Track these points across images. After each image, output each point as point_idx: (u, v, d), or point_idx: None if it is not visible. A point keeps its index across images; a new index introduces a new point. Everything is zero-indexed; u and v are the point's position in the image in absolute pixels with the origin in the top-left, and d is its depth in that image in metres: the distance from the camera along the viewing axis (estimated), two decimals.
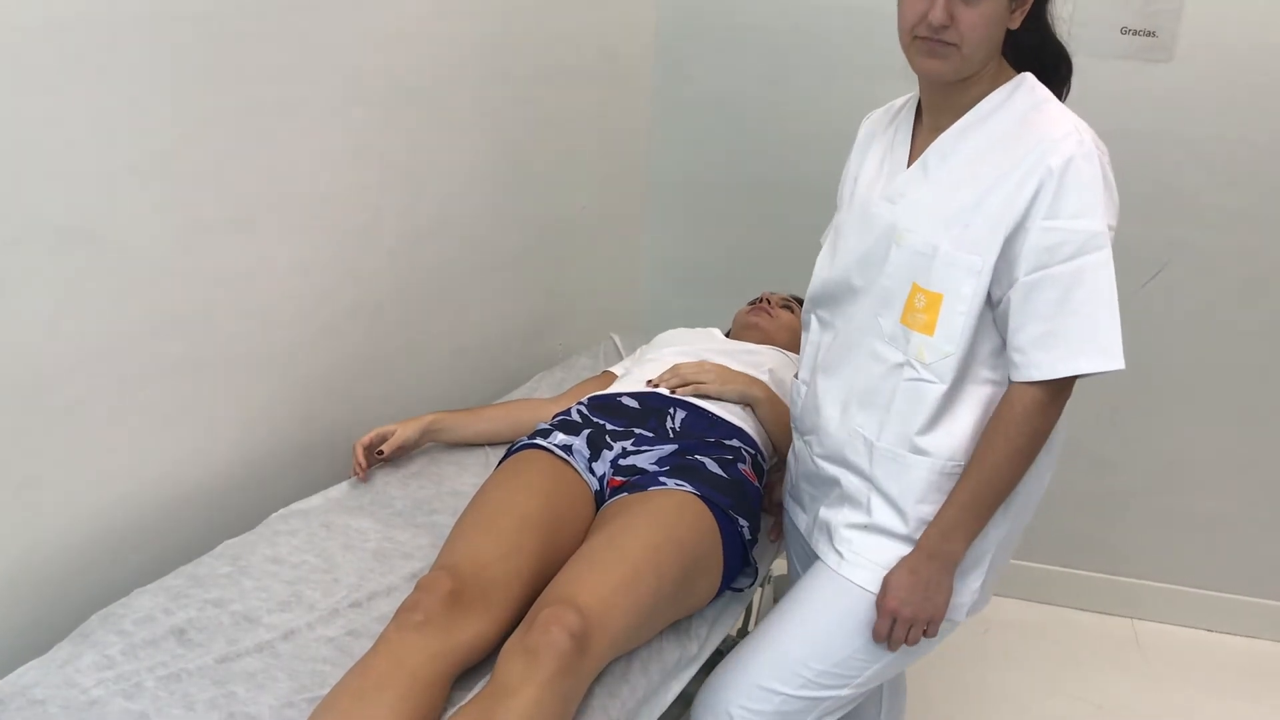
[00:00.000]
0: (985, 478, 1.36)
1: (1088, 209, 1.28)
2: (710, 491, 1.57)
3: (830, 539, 1.51)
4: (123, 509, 1.55)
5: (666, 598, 1.44)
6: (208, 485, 1.69)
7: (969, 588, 1.46)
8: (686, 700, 1.86)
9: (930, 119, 1.42)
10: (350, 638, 1.40)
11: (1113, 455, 2.54)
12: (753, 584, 1.66)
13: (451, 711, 1.28)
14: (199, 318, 1.59)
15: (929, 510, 1.41)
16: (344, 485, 1.76)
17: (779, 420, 1.84)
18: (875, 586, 1.43)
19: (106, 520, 1.53)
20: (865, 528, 1.46)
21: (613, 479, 1.64)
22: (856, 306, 1.47)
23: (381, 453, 1.78)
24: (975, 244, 1.32)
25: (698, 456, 1.65)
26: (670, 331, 2.18)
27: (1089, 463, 2.54)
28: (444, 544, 1.50)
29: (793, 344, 2.20)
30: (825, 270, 1.55)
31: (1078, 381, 1.33)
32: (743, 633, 2.12)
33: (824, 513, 1.53)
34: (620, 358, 2.37)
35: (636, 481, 1.60)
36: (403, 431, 1.81)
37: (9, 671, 1.27)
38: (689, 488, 1.56)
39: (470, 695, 1.29)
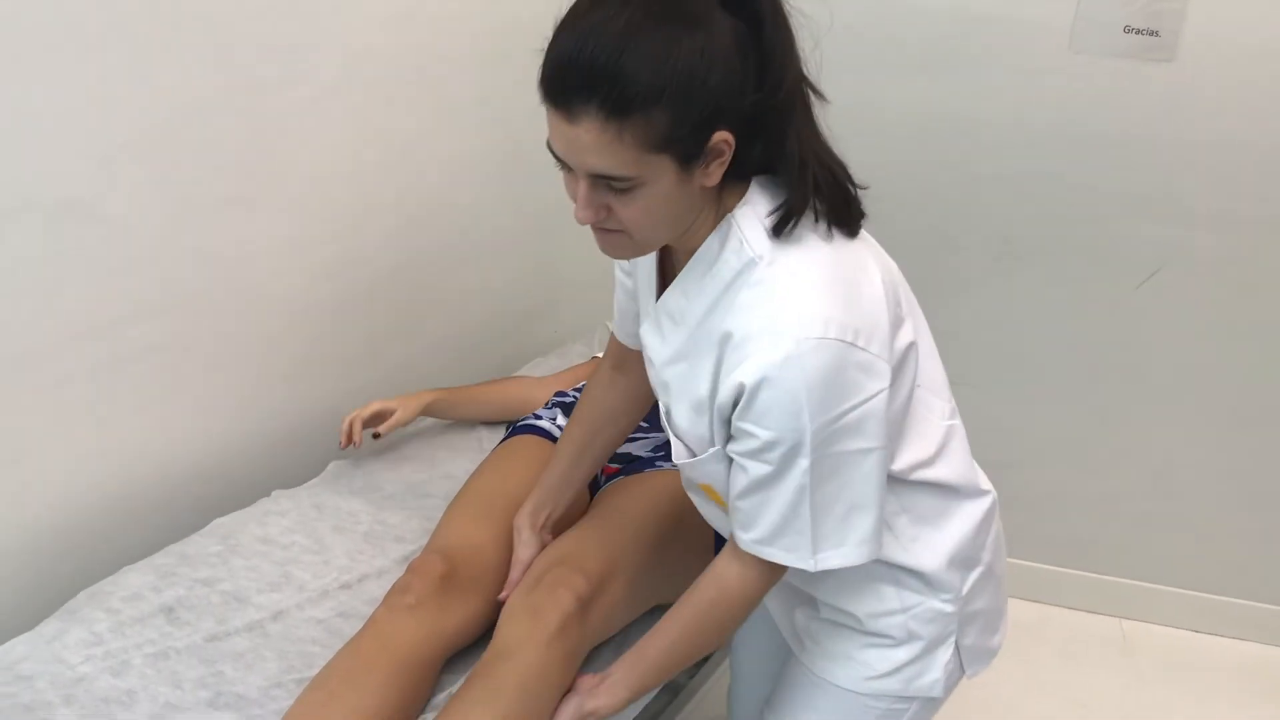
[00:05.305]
0: (679, 648, 1.20)
1: (781, 424, 1.02)
2: None
3: (792, 624, 1.34)
4: (112, 486, 1.55)
5: (662, 575, 1.44)
6: (199, 464, 1.68)
7: (938, 662, 1.26)
8: (673, 690, 1.87)
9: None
10: (340, 619, 1.40)
11: (1102, 456, 2.54)
12: None
13: (441, 694, 1.28)
14: (193, 296, 1.59)
15: (873, 602, 1.22)
16: (336, 466, 1.76)
17: None
18: (851, 683, 1.26)
19: (96, 497, 1.53)
20: (818, 619, 1.29)
21: (607, 466, 1.64)
22: None
23: (378, 434, 1.74)
24: (711, 439, 1.13)
25: None
26: None
27: (1078, 463, 2.55)
28: (436, 527, 1.50)
29: None
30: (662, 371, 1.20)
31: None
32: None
33: (775, 592, 1.33)
34: None
35: (632, 466, 1.61)
36: (402, 413, 1.74)
37: None
38: None
39: (460, 679, 1.28)
